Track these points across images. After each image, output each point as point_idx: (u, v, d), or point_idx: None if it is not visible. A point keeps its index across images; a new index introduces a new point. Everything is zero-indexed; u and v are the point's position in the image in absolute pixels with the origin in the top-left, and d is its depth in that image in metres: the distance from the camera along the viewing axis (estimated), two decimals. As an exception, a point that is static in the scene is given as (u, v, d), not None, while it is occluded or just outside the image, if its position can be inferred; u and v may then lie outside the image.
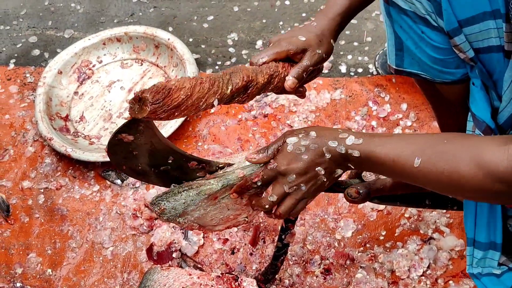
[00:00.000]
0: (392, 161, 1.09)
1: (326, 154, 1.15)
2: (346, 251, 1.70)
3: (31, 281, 1.75)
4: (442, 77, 1.26)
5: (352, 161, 1.14)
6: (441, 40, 1.17)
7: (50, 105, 2.08)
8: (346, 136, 1.13)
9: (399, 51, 1.27)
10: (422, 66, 1.25)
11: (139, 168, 1.24)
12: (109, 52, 2.20)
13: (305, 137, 1.15)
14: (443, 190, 1.12)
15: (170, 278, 1.64)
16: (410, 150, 1.07)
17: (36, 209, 1.89)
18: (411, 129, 1.91)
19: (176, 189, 1.28)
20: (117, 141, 1.16)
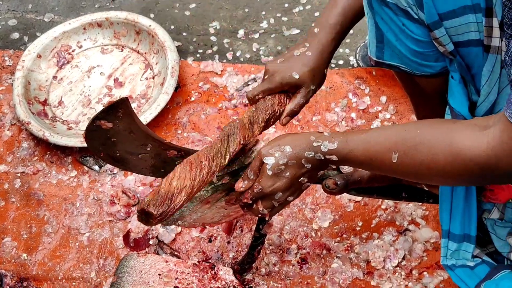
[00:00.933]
0: (370, 160, 1.12)
1: (306, 165, 1.18)
2: (323, 241, 1.71)
3: (6, 265, 1.74)
4: (422, 70, 1.27)
5: (332, 163, 1.18)
6: (421, 33, 1.18)
7: (28, 89, 2.06)
8: (320, 143, 1.15)
9: (379, 43, 1.27)
10: (402, 58, 1.26)
11: (117, 155, 1.24)
12: (90, 37, 2.18)
13: (281, 155, 1.17)
14: (425, 180, 1.15)
15: (147, 264, 1.64)
16: (386, 147, 1.09)
17: (12, 193, 1.88)
18: (390, 121, 1.93)
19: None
20: (95, 127, 1.15)
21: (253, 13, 2.26)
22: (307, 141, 1.17)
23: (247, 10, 2.27)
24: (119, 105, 1.12)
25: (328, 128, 1.93)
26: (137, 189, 1.84)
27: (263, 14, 2.25)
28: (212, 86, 2.06)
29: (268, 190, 1.20)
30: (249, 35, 2.20)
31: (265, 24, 2.22)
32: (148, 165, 1.30)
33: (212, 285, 1.59)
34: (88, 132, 1.16)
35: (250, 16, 2.26)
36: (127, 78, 2.10)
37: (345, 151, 1.14)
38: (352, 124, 1.93)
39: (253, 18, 2.25)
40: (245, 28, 2.22)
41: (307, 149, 1.16)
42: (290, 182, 1.20)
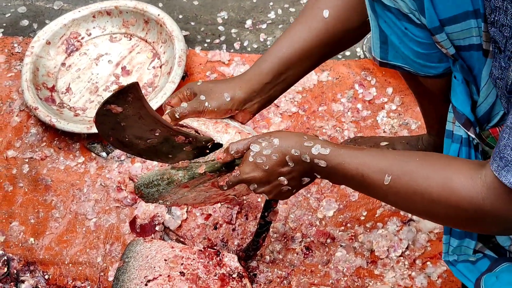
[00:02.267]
0: (361, 176, 1.09)
1: (289, 163, 1.15)
2: (327, 230, 1.73)
3: (13, 249, 1.76)
4: (425, 71, 1.27)
5: (319, 171, 1.14)
6: (424, 35, 1.18)
7: (36, 75, 2.07)
8: (311, 144, 1.13)
9: (383, 44, 1.27)
10: (406, 59, 1.26)
11: (126, 139, 1.24)
12: (99, 25, 2.19)
13: (268, 145, 1.16)
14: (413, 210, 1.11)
15: (153, 250, 1.65)
16: (380, 166, 1.07)
17: (20, 178, 1.90)
18: (396, 112, 1.94)
19: (150, 178, 1.36)
20: (105, 111, 1.15)
21: (261, 3, 2.27)
22: (298, 140, 1.15)
23: (255, 1, 2.28)
24: (129, 89, 1.13)
25: (334, 118, 1.94)
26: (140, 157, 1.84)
27: (271, 4, 2.26)
28: (219, 76, 2.08)
29: (244, 176, 1.19)
30: (257, 26, 2.21)
31: (273, 15, 2.23)
32: (156, 150, 1.30)
33: (217, 271, 1.60)
34: (98, 116, 1.16)
35: (258, 7, 2.27)
36: (135, 67, 2.11)
37: (337, 159, 1.10)
38: (358, 114, 1.94)
39: (261, 9, 2.26)
40: (252, 18, 2.23)
41: (295, 147, 1.14)
42: (267, 176, 1.17)
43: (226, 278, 1.59)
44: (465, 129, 1.24)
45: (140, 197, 1.42)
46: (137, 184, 1.41)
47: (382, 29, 1.24)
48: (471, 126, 1.24)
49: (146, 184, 1.39)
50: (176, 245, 1.66)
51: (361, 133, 1.90)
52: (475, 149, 1.26)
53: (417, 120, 1.90)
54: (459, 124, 1.25)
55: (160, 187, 1.36)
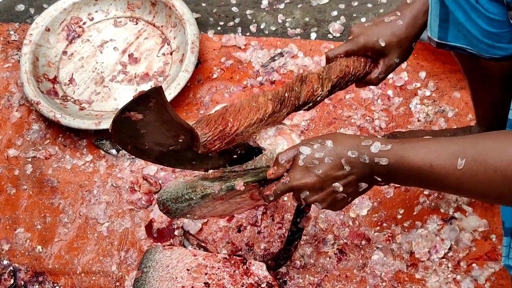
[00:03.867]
0: (430, 166, 0.96)
1: (345, 166, 1.03)
2: (361, 231, 1.59)
3: (20, 259, 1.62)
4: (492, 53, 1.13)
5: (379, 172, 1.02)
6: (498, 11, 1.05)
7: (36, 65, 1.91)
8: (370, 143, 1.01)
9: (443, 23, 1.14)
10: (470, 40, 1.12)
11: (145, 147, 1.13)
12: (101, 9, 2.02)
13: (321, 148, 1.04)
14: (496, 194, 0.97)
15: (174, 258, 1.52)
16: (450, 152, 0.94)
17: (23, 180, 1.74)
18: (430, 99, 1.78)
19: (178, 192, 1.23)
20: (123, 118, 1.03)
21: (276, -19, 2.10)
22: (354, 140, 1.04)
23: (269, -22, 2.11)
24: (152, 94, 1.01)
25: (363, 107, 1.79)
26: (159, 175, 1.71)
27: (287, -18, 2.09)
28: (235, 62, 1.91)
29: (295, 183, 1.07)
30: (274, 6, 2.04)
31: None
32: (179, 157, 1.18)
33: (244, 281, 1.47)
34: (116, 124, 1.04)
35: (273, -15, 2.09)
36: (143, 54, 1.95)
37: (400, 153, 0.98)
38: (389, 102, 1.78)
39: (276, -13, 2.09)
40: (269, -3, 2.06)
41: (352, 148, 1.03)
42: (320, 182, 1.05)
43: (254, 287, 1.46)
44: None
45: (166, 213, 1.29)
46: (162, 199, 1.28)
47: (444, 5, 1.11)
48: None
49: (175, 199, 1.25)
50: (198, 252, 1.52)
51: (394, 122, 1.75)
52: None
53: (454, 107, 1.75)
54: None
55: (192, 201, 1.22)
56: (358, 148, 1.02)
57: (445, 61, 1.82)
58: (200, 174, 1.23)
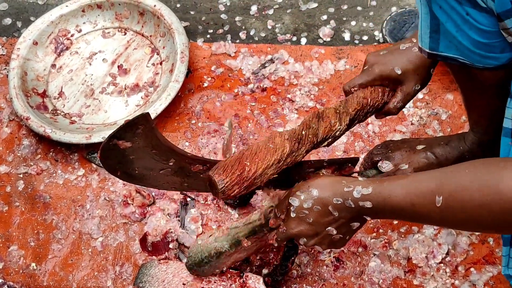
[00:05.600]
0: (412, 205, 1.00)
1: (333, 212, 1.09)
2: (358, 238, 1.58)
3: (14, 277, 1.60)
4: (484, 62, 1.11)
5: (366, 213, 1.07)
6: (488, 22, 1.03)
7: (25, 79, 1.89)
8: (351, 188, 1.06)
9: (434, 33, 1.12)
10: (462, 50, 1.11)
11: (135, 172, 1.13)
12: (89, 20, 2.00)
13: (307, 197, 1.11)
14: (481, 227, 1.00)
15: (169, 273, 1.50)
16: (428, 190, 0.98)
17: (15, 196, 1.72)
18: (423, 101, 1.77)
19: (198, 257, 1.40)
20: (111, 146, 1.02)
21: (265, -14, 2.08)
22: (338, 186, 1.09)
23: (258, -17, 2.09)
24: (139, 121, 1.01)
25: (356, 112, 1.77)
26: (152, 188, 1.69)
27: (275, -13, 2.07)
28: (226, 70, 1.90)
29: (292, 232, 1.16)
30: (263, 11, 2.02)
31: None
32: (170, 180, 1.18)
33: (241, 293, 1.45)
34: (104, 151, 1.03)
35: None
36: (132, 65, 1.93)
37: (382, 196, 1.03)
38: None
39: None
40: (258, 3, 2.04)
41: (336, 195, 1.08)
42: (314, 229, 1.13)
43: (252, 301, 1.44)
44: None
45: (197, 275, 1.45)
46: (189, 265, 1.44)
47: (435, 16, 1.09)
48: None
49: (198, 264, 1.42)
50: (194, 266, 1.51)
51: (387, 126, 1.74)
52: None
53: (447, 110, 1.74)
54: None
55: (212, 262, 1.40)
56: (342, 194, 1.07)
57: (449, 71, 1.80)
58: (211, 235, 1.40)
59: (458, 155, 1.35)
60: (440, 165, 1.36)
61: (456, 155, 1.36)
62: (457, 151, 1.36)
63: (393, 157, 1.39)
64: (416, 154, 1.40)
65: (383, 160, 1.37)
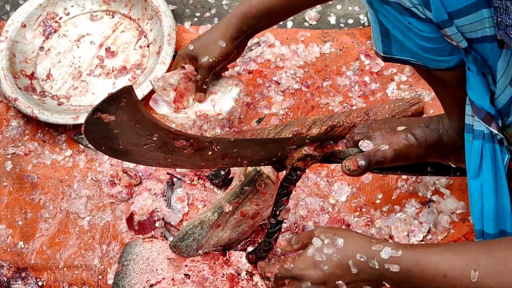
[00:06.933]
0: (444, 276, 0.95)
1: (352, 268, 1.03)
2: (341, 216, 1.60)
3: (2, 255, 1.62)
4: (436, 65, 1.13)
5: (389, 277, 1.01)
6: (430, 30, 1.04)
7: (13, 61, 1.90)
8: (380, 248, 1.01)
9: (385, 38, 1.14)
10: (413, 54, 1.13)
11: (119, 147, 1.13)
12: (77, 3, 2.01)
13: (331, 244, 1.05)
14: None
15: (154, 251, 1.52)
16: (463, 262, 0.93)
17: (3, 176, 1.74)
18: (407, 84, 1.79)
19: (182, 232, 1.43)
20: (95, 119, 1.03)
21: (252, -30, 2.09)
22: (365, 243, 1.04)
23: (245, -32, 2.10)
24: (122, 94, 1.01)
25: (341, 94, 1.79)
26: (138, 168, 1.71)
27: (263, -29, 2.08)
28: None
29: (297, 272, 1.11)
30: (250, -5, 2.04)
31: (266, -18, 2.06)
32: (154, 156, 1.18)
33: (224, 271, 1.47)
34: (88, 125, 1.04)
35: (249, -26, 2.09)
36: (120, 47, 1.95)
37: (412, 261, 0.97)
38: (366, 88, 1.79)
39: (252, -24, 2.08)
40: (244, -13, 2.06)
41: (361, 252, 1.02)
42: (324, 278, 1.07)
43: (235, 277, 1.46)
44: (486, 125, 1.12)
45: (179, 254, 1.47)
46: (172, 243, 1.46)
47: (382, 23, 1.11)
48: (493, 120, 1.11)
49: (181, 238, 1.44)
50: (179, 243, 1.53)
51: (371, 108, 1.76)
52: (499, 143, 1.14)
53: (430, 92, 1.76)
54: (479, 119, 1.13)
55: (195, 234, 1.42)
56: (368, 252, 1.02)
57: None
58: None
59: (437, 138, 1.37)
60: (419, 146, 1.37)
61: (435, 138, 1.37)
62: (436, 133, 1.37)
63: (374, 137, 1.40)
64: (397, 135, 1.41)
65: (364, 140, 1.39)
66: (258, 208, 1.44)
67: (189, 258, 1.48)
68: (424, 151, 1.35)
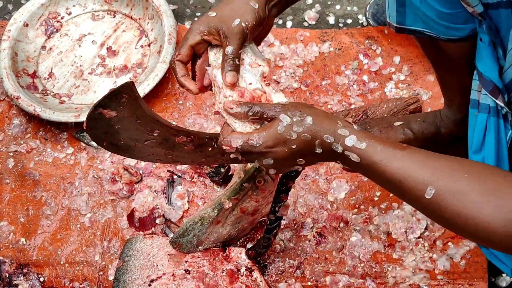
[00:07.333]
0: (399, 182, 0.94)
1: (317, 148, 1.00)
2: (340, 214, 1.62)
3: (4, 251, 1.64)
4: (449, 34, 1.15)
5: (346, 163, 1.00)
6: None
7: (16, 60, 1.92)
8: (346, 133, 0.97)
9: (400, 7, 1.15)
10: (427, 22, 1.14)
11: (121, 143, 1.15)
12: (79, 3, 2.03)
13: (300, 122, 0.99)
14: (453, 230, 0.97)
15: (154, 247, 1.54)
16: (423, 176, 0.92)
17: (5, 174, 1.76)
18: (405, 83, 1.81)
19: (182, 228, 1.44)
20: (97, 115, 1.05)
21: (252, -29, 2.11)
22: (332, 124, 0.99)
23: (245, -32, 2.12)
24: (124, 90, 1.03)
25: (339, 92, 1.81)
26: (139, 165, 1.73)
27: (263, -29, 2.10)
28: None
29: (265, 150, 1.02)
30: (250, -5, 2.06)
31: (266, -18, 2.08)
32: (155, 152, 1.20)
33: (224, 267, 1.49)
34: (90, 121, 1.05)
35: (249, -25, 2.11)
36: (121, 47, 1.97)
37: (373, 158, 0.95)
38: (365, 87, 1.81)
39: (252, -23, 2.10)
40: (244, -13, 2.08)
41: (329, 132, 0.98)
42: (290, 155, 1.02)
43: (234, 273, 1.48)
44: (493, 97, 1.13)
45: (180, 250, 1.48)
46: (173, 239, 1.47)
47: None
48: (500, 93, 1.12)
49: (182, 234, 1.45)
50: (179, 239, 1.55)
51: (369, 107, 1.78)
52: (504, 119, 1.15)
53: (428, 91, 1.78)
54: (486, 92, 1.14)
55: (195, 230, 1.43)
56: (335, 134, 0.98)
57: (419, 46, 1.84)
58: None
59: (434, 131, 1.39)
60: (417, 140, 1.39)
61: (432, 130, 1.39)
62: (434, 126, 1.39)
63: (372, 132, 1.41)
64: (394, 131, 1.43)
65: None
66: (257, 204, 1.45)
67: (189, 254, 1.50)
68: (421, 145, 1.37)
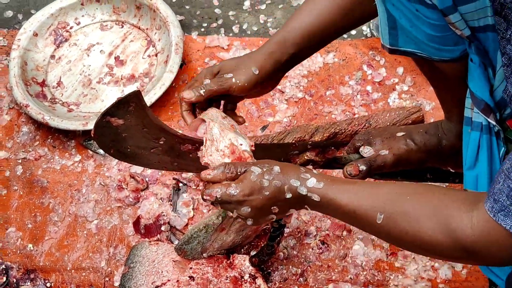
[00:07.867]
0: (354, 212, 1.06)
1: (286, 193, 1.10)
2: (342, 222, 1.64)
3: (11, 257, 1.66)
4: (440, 55, 1.18)
5: (310, 204, 1.11)
6: (437, 17, 1.09)
7: (25, 69, 1.96)
8: (308, 177, 1.09)
9: (392, 30, 1.18)
10: (419, 44, 1.17)
11: (127, 150, 1.18)
12: (88, 13, 2.07)
13: (269, 171, 1.10)
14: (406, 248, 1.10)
15: (160, 253, 1.56)
16: (372, 204, 1.04)
17: (14, 180, 1.79)
18: (408, 93, 1.83)
19: (187, 235, 1.45)
20: (104, 123, 1.08)
21: (258, -18, 2.15)
22: (296, 171, 1.11)
23: (251, -20, 2.16)
24: (131, 99, 1.05)
25: (343, 102, 1.84)
26: (145, 173, 1.76)
27: (268, -17, 2.14)
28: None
29: (242, 198, 1.10)
30: (256, 6, 2.09)
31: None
32: (161, 159, 1.23)
33: (228, 274, 1.51)
34: (97, 129, 1.08)
35: (255, -14, 2.14)
36: (129, 56, 2.00)
37: (330, 194, 1.07)
38: (368, 97, 1.84)
39: (258, -12, 2.14)
40: (250, -2, 2.12)
41: (295, 177, 1.10)
42: (264, 202, 1.10)
43: (238, 280, 1.50)
44: (485, 116, 1.16)
45: (184, 256, 1.50)
46: (178, 246, 1.49)
47: (390, 13, 1.15)
48: (491, 112, 1.15)
49: (187, 241, 1.46)
50: (184, 246, 1.57)
51: (373, 117, 1.80)
52: (496, 136, 1.18)
53: (431, 101, 1.80)
54: (478, 110, 1.17)
55: (200, 237, 1.44)
56: (300, 178, 1.09)
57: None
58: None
59: (436, 143, 1.40)
60: (419, 151, 1.40)
61: (434, 142, 1.41)
62: (436, 138, 1.40)
63: (374, 143, 1.43)
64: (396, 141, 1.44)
65: (365, 146, 1.42)
66: None
67: (193, 260, 1.52)
68: (423, 156, 1.39)
